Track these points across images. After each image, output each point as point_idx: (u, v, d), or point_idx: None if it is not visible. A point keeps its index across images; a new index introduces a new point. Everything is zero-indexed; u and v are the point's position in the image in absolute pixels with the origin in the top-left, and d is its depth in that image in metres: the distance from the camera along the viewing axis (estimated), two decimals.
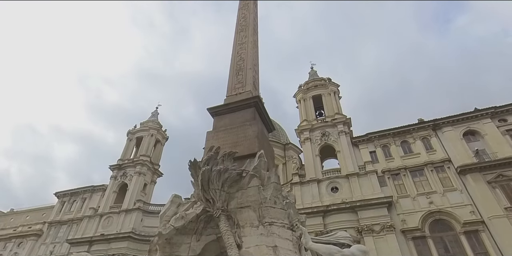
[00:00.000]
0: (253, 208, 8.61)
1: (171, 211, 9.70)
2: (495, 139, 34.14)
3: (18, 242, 47.81)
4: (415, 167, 34.30)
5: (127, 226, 40.20)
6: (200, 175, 8.95)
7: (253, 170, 9.20)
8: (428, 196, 31.47)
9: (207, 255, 8.67)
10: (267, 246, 7.75)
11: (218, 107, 13.34)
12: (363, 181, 34.08)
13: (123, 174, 46.85)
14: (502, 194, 30.04)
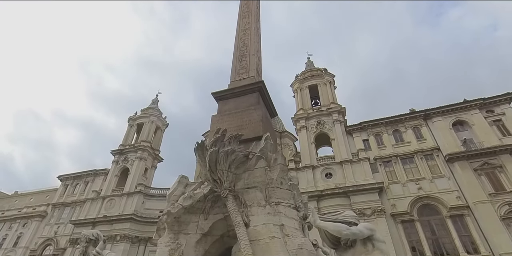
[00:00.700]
0: (259, 188, 8.47)
1: (179, 191, 9.53)
2: (482, 129, 34.42)
3: (23, 223, 47.80)
4: (405, 155, 34.62)
5: (129, 208, 40.27)
6: (207, 156, 8.74)
7: (260, 152, 9.02)
8: (417, 182, 31.91)
9: (214, 233, 8.58)
10: (274, 224, 7.69)
11: (222, 91, 13.08)
12: (356, 167, 34.33)
13: (124, 159, 46.64)
14: (487, 181, 30.55)
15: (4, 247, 45.88)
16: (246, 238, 7.35)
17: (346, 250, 6.54)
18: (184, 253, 7.95)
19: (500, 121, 34.88)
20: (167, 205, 9.34)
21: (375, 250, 6.09)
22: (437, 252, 27.93)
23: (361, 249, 6.24)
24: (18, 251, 44.26)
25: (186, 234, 8.39)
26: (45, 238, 44.14)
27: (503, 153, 31.38)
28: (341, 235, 6.27)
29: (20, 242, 45.46)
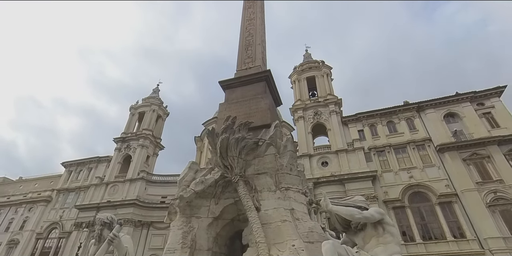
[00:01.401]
0: (269, 174, 8.41)
1: (189, 177, 9.44)
2: (472, 121, 34.63)
3: (28, 207, 47.70)
4: (398, 145, 34.83)
5: (132, 194, 40.29)
6: (218, 143, 8.63)
7: (269, 139, 8.93)
8: (408, 171, 32.25)
9: (225, 217, 8.56)
10: (285, 208, 7.66)
11: (230, 80, 12.82)
12: (351, 156, 34.54)
13: (126, 146, 46.35)
14: (475, 170, 30.96)
15: (11, 231, 45.91)
16: (258, 222, 7.34)
17: (356, 233, 6.49)
18: (197, 235, 7.94)
19: (490, 114, 35.05)
20: (178, 190, 9.25)
21: (385, 233, 6.04)
22: (425, 236, 28.55)
23: (372, 232, 6.19)
24: (25, 234, 44.31)
25: (198, 217, 8.37)
26: (51, 222, 44.17)
27: (491, 144, 31.74)
28: (353, 219, 6.21)
29: (26, 225, 45.46)
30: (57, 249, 40.89)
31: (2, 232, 46.55)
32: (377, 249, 5.76)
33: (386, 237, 5.94)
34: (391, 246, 5.77)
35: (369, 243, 6.07)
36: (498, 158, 30.77)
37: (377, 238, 6.02)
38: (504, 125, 33.24)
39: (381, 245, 5.83)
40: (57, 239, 42.14)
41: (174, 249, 7.63)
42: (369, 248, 5.95)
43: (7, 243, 44.44)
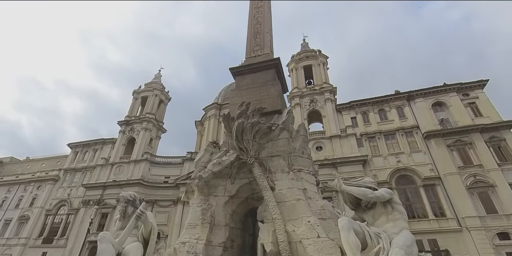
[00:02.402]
0: (283, 157, 8.52)
1: (206, 158, 9.51)
2: (458, 110, 35.12)
3: (37, 186, 47.65)
4: (388, 132, 35.28)
5: (136, 174, 40.44)
6: (235, 127, 8.64)
7: (282, 124, 8.99)
8: (397, 156, 32.89)
9: (240, 195, 8.71)
10: (298, 188, 7.83)
11: (240, 67, 12.68)
12: (344, 142, 34.97)
13: (130, 129, 46.03)
14: (458, 155, 31.74)
15: (21, 207, 46.09)
16: (273, 200, 7.50)
17: (366, 211, 6.69)
18: (215, 212, 8.11)
19: (474, 104, 35.52)
20: (195, 171, 9.35)
21: (394, 211, 6.25)
22: (409, 215, 29.49)
23: (382, 210, 6.38)
24: (35, 210, 44.56)
25: (215, 196, 8.51)
26: (59, 199, 44.36)
27: (474, 132, 32.38)
28: (366, 198, 6.39)
29: (36, 202, 45.63)
30: (66, 224, 41.35)
31: (12, 209, 46.76)
32: (387, 225, 5.98)
33: (395, 215, 6.16)
34: (400, 222, 6.01)
35: (378, 220, 6.29)
36: (480, 145, 31.53)
37: (386, 215, 6.24)
38: (486, 114, 33.94)
39: (390, 221, 6.06)
40: (65, 215, 42.50)
41: (195, 225, 7.81)
42: (379, 224, 6.17)
43: (18, 219, 44.76)
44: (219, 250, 7.51)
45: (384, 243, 5.42)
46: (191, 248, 6.89)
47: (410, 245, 5.35)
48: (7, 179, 51.40)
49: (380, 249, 5.30)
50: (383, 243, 5.42)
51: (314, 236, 6.31)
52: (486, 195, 28.14)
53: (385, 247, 5.33)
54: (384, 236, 5.59)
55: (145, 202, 7.49)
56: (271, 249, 6.77)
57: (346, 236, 5.40)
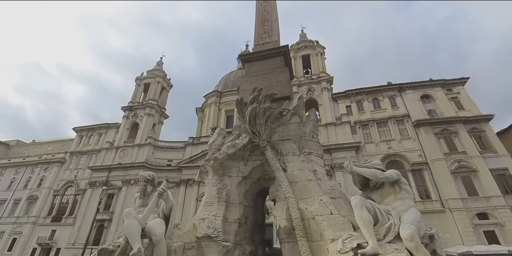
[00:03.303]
0: (293, 140, 8.56)
1: (219, 141, 9.54)
2: (443, 103, 35.90)
3: (44, 167, 47.39)
4: (381, 120, 35.59)
5: (140, 157, 40.43)
6: (248, 112, 8.60)
7: (293, 109, 8.95)
8: (388, 142, 33.36)
9: (252, 176, 8.81)
10: (309, 170, 7.92)
11: (249, 54, 12.44)
12: (338, 129, 35.21)
13: (134, 114, 45.56)
14: (444, 143, 32.40)
15: (29, 188, 46.01)
16: (286, 180, 7.59)
17: (373, 191, 6.85)
18: (230, 191, 8.21)
19: (457, 98, 36.45)
20: (209, 153, 9.39)
21: (402, 190, 6.41)
22: None
23: (390, 190, 6.53)
24: (43, 191, 44.58)
25: (230, 176, 8.59)
26: (66, 180, 44.33)
27: (457, 123, 33.24)
28: (376, 178, 6.51)
29: (44, 183, 45.56)
30: (74, 204, 41.60)
31: (21, 189, 46.67)
32: (396, 203, 6.15)
33: (403, 194, 6.32)
34: (407, 201, 6.18)
35: (386, 199, 6.45)
36: (463, 134, 32.33)
37: (394, 194, 6.39)
38: (468, 108, 34.97)
39: (399, 200, 6.22)
40: (73, 195, 42.67)
41: (211, 202, 7.92)
42: (387, 202, 6.33)
43: (27, 199, 44.81)
44: (235, 226, 7.67)
45: (394, 219, 5.59)
46: (210, 224, 7.02)
47: (419, 221, 5.53)
48: (14, 161, 50.96)
49: (392, 225, 5.48)
50: (394, 219, 5.59)
51: (327, 213, 6.47)
52: (469, 179, 29.00)
53: (395, 223, 5.51)
54: (394, 213, 5.76)
55: (167, 181, 7.54)
56: (285, 225, 6.94)
57: (360, 213, 5.53)
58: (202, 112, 53.23)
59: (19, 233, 41.05)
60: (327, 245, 6.01)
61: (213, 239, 6.62)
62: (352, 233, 5.68)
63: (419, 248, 4.99)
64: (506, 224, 25.25)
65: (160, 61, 54.03)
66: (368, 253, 4.88)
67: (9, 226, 42.22)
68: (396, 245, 5.10)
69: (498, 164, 29.75)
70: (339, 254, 5.23)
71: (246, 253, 7.41)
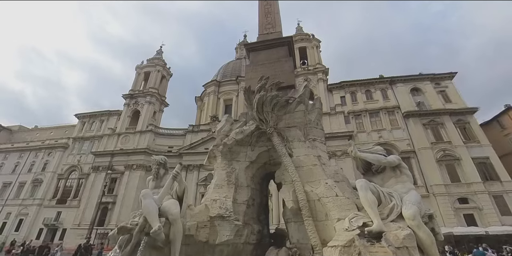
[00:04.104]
0: (299, 127, 8.59)
1: (227, 128, 9.52)
2: (431, 96, 36.40)
3: (47, 152, 46.93)
4: (373, 111, 35.94)
5: (142, 143, 40.26)
6: (256, 99, 8.57)
7: (299, 97, 8.95)
8: (379, 132, 33.85)
9: (259, 161, 8.88)
10: (314, 155, 8.00)
11: (255, 43, 12.23)
12: (333, 119, 35.41)
13: (135, 102, 44.91)
14: (431, 133, 33.06)
15: (34, 171, 45.72)
16: (292, 165, 7.69)
17: (375, 175, 6.98)
18: (238, 175, 8.31)
19: (444, 92, 37.01)
20: (217, 139, 9.39)
21: (402, 174, 6.56)
22: None
23: (391, 174, 6.68)
24: (47, 174, 44.36)
25: (238, 161, 8.65)
26: (70, 165, 44.10)
27: (444, 115, 33.89)
28: (379, 163, 6.63)
29: (48, 168, 45.26)
30: (78, 187, 41.63)
31: (25, 173, 46.35)
32: (397, 186, 6.31)
33: (403, 177, 6.48)
34: (407, 184, 6.34)
35: (388, 182, 6.60)
36: (449, 125, 33.01)
37: (395, 178, 6.55)
38: (454, 101, 35.62)
39: (399, 183, 6.38)
40: (77, 179, 42.61)
41: (221, 185, 8.00)
42: (388, 186, 6.48)
43: (32, 182, 44.61)
44: (243, 207, 7.81)
45: (396, 200, 5.76)
46: (222, 204, 7.14)
47: (420, 201, 5.72)
48: (17, 145, 50.26)
49: (394, 205, 5.65)
50: (396, 200, 5.76)
51: (333, 195, 6.62)
52: (452, 167, 29.84)
53: (398, 204, 5.68)
54: (396, 195, 5.93)
55: (180, 165, 7.57)
56: (292, 206, 7.11)
57: (365, 194, 5.67)
58: (201, 101, 52.76)
59: (25, 214, 41.15)
60: (333, 224, 6.20)
61: (226, 219, 6.76)
62: (358, 213, 5.84)
63: (420, 226, 5.18)
64: (484, 208, 26.30)
65: (160, 50, 52.74)
66: (374, 231, 5.05)
67: (15, 207, 42.24)
68: (399, 223, 5.28)
69: (480, 153, 30.58)
70: (346, 232, 5.40)
71: (254, 232, 7.60)
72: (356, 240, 4.97)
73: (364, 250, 4.71)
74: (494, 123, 36.18)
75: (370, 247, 4.74)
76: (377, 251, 4.67)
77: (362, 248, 4.76)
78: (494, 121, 36.24)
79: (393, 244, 4.66)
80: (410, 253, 4.68)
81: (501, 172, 28.84)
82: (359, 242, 4.92)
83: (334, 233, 6.03)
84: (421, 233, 5.07)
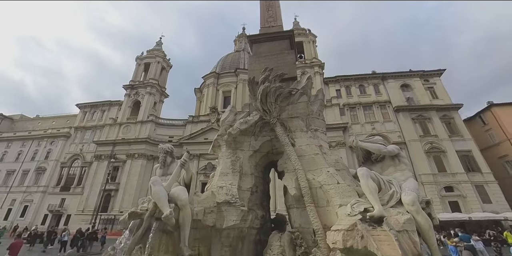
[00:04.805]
0: (301, 118, 8.56)
1: (231, 118, 9.44)
2: (420, 92, 36.77)
3: (50, 141, 46.33)
4: (366, 104, 36.12)
5: (143, 133, 39.94)
6: (260, 90, 8.47)
7: (302, 89, 8.87)
8: (372, 124, 34.13)
9: (262, 150, 8.87)
10: (315, 145, 8.01)
11: (258, 35, 11.99)
12: (328, 111, 35.42)
13: (135, 93, 44.17)
14: (419, 127, 33.54)
15: (37, 160, 45.26)
16: (295, 154, 7.70)
17: (374, 164, 7.06)
18: (243, 163, 8.31)
19: (432, 88, 37.44)
20: (221, 129, 9.33)
21: (401, 163, 6.64)
22: None
23: (390, 163, 6.76)
24: (50, 163, 43.98)
25: (242, 150, 8.62)
26: (72, 154, 43.69)
27: (431, 110, 34.43)
28: (380, 152, 6.69)
29: (51, 156, 44.81)
30: (81, 175, 41.45)
31: (29, 161, 45.87)
32: (396, 174, 6.40)
33: (402, 166, 6.57)
34: (406, 172, 6.43)
35: (387, 171, 6.69)
36: (435, 120, 33.59)
37: (394, 167, 6.63)
38: (441, 97, 36.09)
39: (398, 171, 6.46)
40: (80, 167, 42.35)
41: (226, 173, 8.00)
42: (387, 174, 6.56)
43: (35, 170, 44.24)
44: (248, 194, 7.85)
45: (396, 187, 5.85)
46: (228, 191, 7.17)
47: (418, 188, 5.83)
48: (20, 134, 49.46)
49: (394, 192, 5.74)
50: (395, 187, 5.85)
51: (335, 183, 6.68)
52: (439, 158, 30.44)
53: (397, 190, 5.77)
54: (395, 182, 6.01)
55: (188, 153, 7.52)
56: (295, 193, 7.16)
57: (366, 182, 5.74)
58: (200, 93, 52.19)
59: (30, 201, 41.02)
60: (334, 210, 6.28)
61: (232, 204, 6.80)
62: (359, 199, 5.92)
63: (419, 211, 5.29)
64: (467, 196, 27.08)
65: (159, 41, 51.47)
66: (376, 216, 5.13)
67: (20, 194, 42.01)
68: (399, 209, 5.38)
69: (463, 146, 31.21)
70: (348, 217, 5.48)
71: (258, 217, 7.68)
72: (358, 224, 5.05)
73: (367, 234, 4.79)
74: (477, 119, 36.77)
75: (372, 231, 4.83)
76: (379, 234, 4.76)
77: (365, 232, 4.84)
78: (476, 117, 36.83)
79: (394, 228, 4.75)
80: (410, 236, 4.80)
81: (482, 164, 29.59)
82: (361, 226, 5.01)
83: (334, 218, 6.13)
84: (419, 217, 5.18)
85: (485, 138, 34.75)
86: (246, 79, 11.58)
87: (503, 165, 31.80)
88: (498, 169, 30.39)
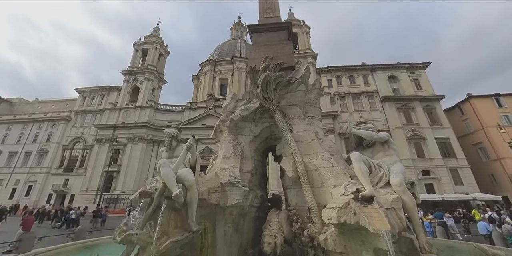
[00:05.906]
0: (299, 106, 8.63)
1: (232, 105, 9.42)
2: (406, 83, 37.26)
3: (51, 124, 45.27)
4: (355, 94, 36.41)
5: (143, 118, 39.40)
6: (261, 79, 8.43)
7: (300, 78, 8.87)
8: (360, 113, 34.62)
9: (261, 136, 8.96)
10: (312, 131, 8.15)
11: (257, 25, 11.69)
12: (320, 99, 35.54)
13: (134, 78, 42.94)
14: (403, 116, 34.27)
15: (39, 142, 44.42)
16: (293, 140, 7.84)
17: (365, 149, 7.27)
18: (244, 148, 8.44)
19: (417, 80, 38.04)
20: (223, 115, 9.32)
21: (390, 148, 6.85)
22: None
23: (380, 148, 6.97)
24: (52, 145, 43.27)
25: (243, 135, 8.71)
26: (74, 137, 43.01)
27: (415, 100, 35.15)
28: (371, 138, 6.87)
29: (52, 139, 44.00)
30: (83, 157, 41.13)
31: (30, 143, 45.01)
32: (385, 158, 6.63)
33: (390, 151, 6.79)
34: (394, 156, 6.66)
35: (377, 155, 6.91)
36: (418, 110, 34.35)
37: (383, 152, 6.85)
38: (425, 89, 36.82)
39: (387, 156, 6.69)
40: (81, 150, 41.92)
41: (229, 156, 8.12)
42: (377, 158, 6.77)
43: (37, 152, 43.55)
44: (248, 175, 8.05)
45: (385, 170, 6.10)
46: (231, 173, 7.32)
47: (404, 171, 6.10)
48: (20, 117, 48.00)
49: (383, 174, 6.01)
50: (384, 170, 6.11)
51: (329, 166, 6.90)
52: (419, 145, 31.47)
53: (386, 173, 6.04)
54: (384, 166, 6.26)
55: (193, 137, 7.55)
56: (292, 175, 7.39)
57: (358, 165, 5.95)
58: (197, 80, 51.15)
59: (34, 181, 40.76)
60: (328, 190, 6.54)
61: (235, 185, 6.98)
62: (351, 180, 6.15)
63: (405, 191, 5.58)
64: (442, 179, 28.43)
65: (157, 27, 49.31)
66: (367, 195, 5.39)
67: (24, 175, 41.61)
68: (387, 189, 5.66)
69: (442, 134, 32.21)
70: (342, 196, 5.74)
71: (258, 196, 7.94)
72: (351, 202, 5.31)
73: (359, 211, 5.07)
74: (456, 109, 37.73)
75: (363, 208, 5.10)
76: (370, 211, 5.04)
77: (357, 209, 5.11)
78: (456, 107, 37.76)
79: (383, 206, 5.05)
80: (397, 213, 5.11)
81: (458, 151, 30.79)
82: (354, 204, 5.28)
83: (328, 197, 6.41)
84: (405, 197, 5.48)
85: (462, 127, 35.91)
86: (242, 67, 11.35)
87: (477, 151, 33.23)
88: (471, 155, 31.78)
